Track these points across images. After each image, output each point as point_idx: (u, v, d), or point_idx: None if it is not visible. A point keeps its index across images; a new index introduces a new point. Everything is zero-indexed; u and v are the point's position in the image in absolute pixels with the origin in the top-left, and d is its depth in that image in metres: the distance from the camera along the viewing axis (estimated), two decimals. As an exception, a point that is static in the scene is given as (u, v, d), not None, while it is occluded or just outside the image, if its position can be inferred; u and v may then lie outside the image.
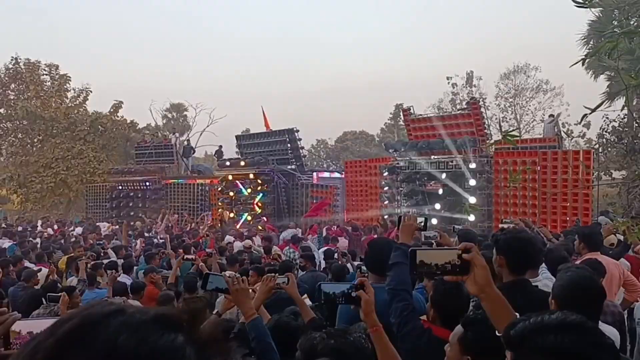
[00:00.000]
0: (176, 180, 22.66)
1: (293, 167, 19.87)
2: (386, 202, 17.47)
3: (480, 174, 14.98)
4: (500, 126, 34.16)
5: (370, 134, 48.37)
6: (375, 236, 11.05)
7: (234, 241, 12.09)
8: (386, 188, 17.53)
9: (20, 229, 17.59)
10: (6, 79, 33.39)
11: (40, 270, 7.86)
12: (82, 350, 0.65)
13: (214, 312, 4.02)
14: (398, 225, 3.33)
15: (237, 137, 23.25)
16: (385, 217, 15.77)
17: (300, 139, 20.03)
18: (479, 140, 15.24)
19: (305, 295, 4.32)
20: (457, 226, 8.64)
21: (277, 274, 3.93)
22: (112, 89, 74.17)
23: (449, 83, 37.89)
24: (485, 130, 16.33)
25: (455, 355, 2.09)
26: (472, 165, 14.76)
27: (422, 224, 3.30)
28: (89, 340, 0.66)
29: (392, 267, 2.85)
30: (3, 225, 20.35)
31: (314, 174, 20.25)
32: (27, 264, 8.85)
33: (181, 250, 8.99)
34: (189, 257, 7.81)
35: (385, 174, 17.28)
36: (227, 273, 6.12)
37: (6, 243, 12.05)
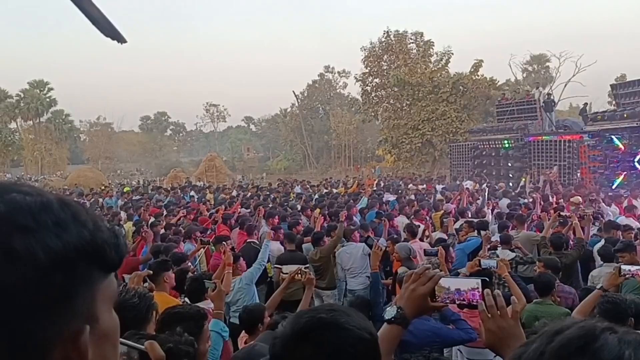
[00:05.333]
0: (541, 138, 21.37)
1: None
2: None
3: None
4: None
5: None
6: None
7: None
8: None
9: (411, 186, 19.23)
10: (380, 51, 37.77)
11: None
12: (585, 357, 0.70)
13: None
14: None
15: (612, 85, 20.80)
16: None
17: None
18: None
19: None
20: None
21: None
22: (472, 48, 75.61)
23: None
24: None
25: None
26: None
27: None
28: (590, 350, 0.70)
29: None
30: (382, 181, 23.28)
31: None
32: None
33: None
34: (564, 214, 7.39)
35: None
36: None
37: (390, 197, 13.82)
